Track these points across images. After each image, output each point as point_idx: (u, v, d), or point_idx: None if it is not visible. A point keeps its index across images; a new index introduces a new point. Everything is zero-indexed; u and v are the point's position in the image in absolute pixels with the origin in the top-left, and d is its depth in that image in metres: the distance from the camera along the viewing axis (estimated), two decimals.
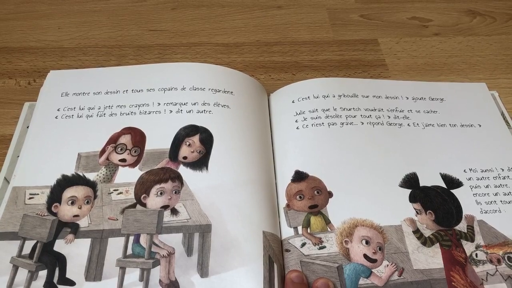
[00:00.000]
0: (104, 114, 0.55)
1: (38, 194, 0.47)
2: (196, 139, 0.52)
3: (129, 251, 0.44)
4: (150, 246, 0.44)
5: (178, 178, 0.48)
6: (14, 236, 0.44)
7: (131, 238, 0.44)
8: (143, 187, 0.47)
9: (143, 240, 0.44)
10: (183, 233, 0.45)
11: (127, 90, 0.57)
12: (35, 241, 0.44)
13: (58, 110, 0.55)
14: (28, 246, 0.44)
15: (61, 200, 0.46)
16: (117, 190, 0.48)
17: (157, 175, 0.48)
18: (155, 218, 0.45)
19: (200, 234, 0.44)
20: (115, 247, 0.44)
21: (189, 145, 0.51)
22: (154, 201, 0.47)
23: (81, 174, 0.49)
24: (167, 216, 0.46)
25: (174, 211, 0.46)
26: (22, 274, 0.42)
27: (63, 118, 0.54)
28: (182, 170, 0.49)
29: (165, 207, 0.46)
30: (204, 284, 0.41)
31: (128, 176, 0.49)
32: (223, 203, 0.46)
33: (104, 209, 0.46)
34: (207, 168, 0.49)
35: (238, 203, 0.47)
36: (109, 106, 0.55)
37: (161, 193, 0.47)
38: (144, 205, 0.47)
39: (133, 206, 0.46)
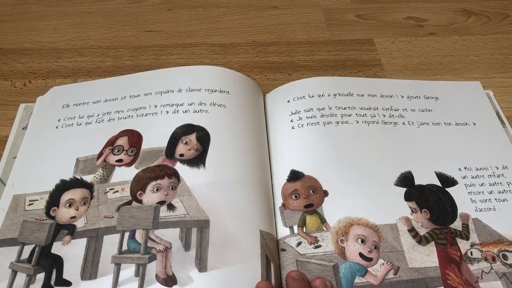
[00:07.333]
0: (103, 120, 0.55)
1: (37, 200, 0.47)
2: (193, 137, 0.52)
3: (125, 247, 0.44)
4: (146, 241, 0.43)
5: (174, 174, 0.48)
6: (14, 242, 0.44)
7: (127, 235, 0.44)
8: (139, 184, 0.48)
9: (139, 235, 0.44)
10: (180, 228, 0.45)
11: (125, 97, 0.58)
12: (33, 245, 0.44)
13: (59, 120, 0.56)
14: (27, 250, 0.44)
15: (59, 203, 0.47)
16: (113, 189, 0.48)
17: (153, 172, 0.48)
18: (151, 213, 0.45)
19: (198, 229, 0.44)
20: (110, 245, 0.44)
21: (185, 143, 0.51)
22: (150, 197, 0.47)
23: (78, 177, 0.49)
24: (163, 211, 0.46)
25: (171, 207, 0.46)
26: (21, 279, 0.42)
27: (63, 128, 0.55)
28: (179, 167, 0.49)
29: (161, 202, 0.46)
30: (203, 279, 0.41)
31: (124, 174, 0.49)
32: (221, 200, 0.46)
33: (100, 208, 0.46)
34: (204, 165, 0.49)
35: (235, 201, 0.47)
36: (108, 113, 0.56)
37: (157, 189, 0.47)
38: (139, 201, 0.47)
39: (129, 203, 0.46)
